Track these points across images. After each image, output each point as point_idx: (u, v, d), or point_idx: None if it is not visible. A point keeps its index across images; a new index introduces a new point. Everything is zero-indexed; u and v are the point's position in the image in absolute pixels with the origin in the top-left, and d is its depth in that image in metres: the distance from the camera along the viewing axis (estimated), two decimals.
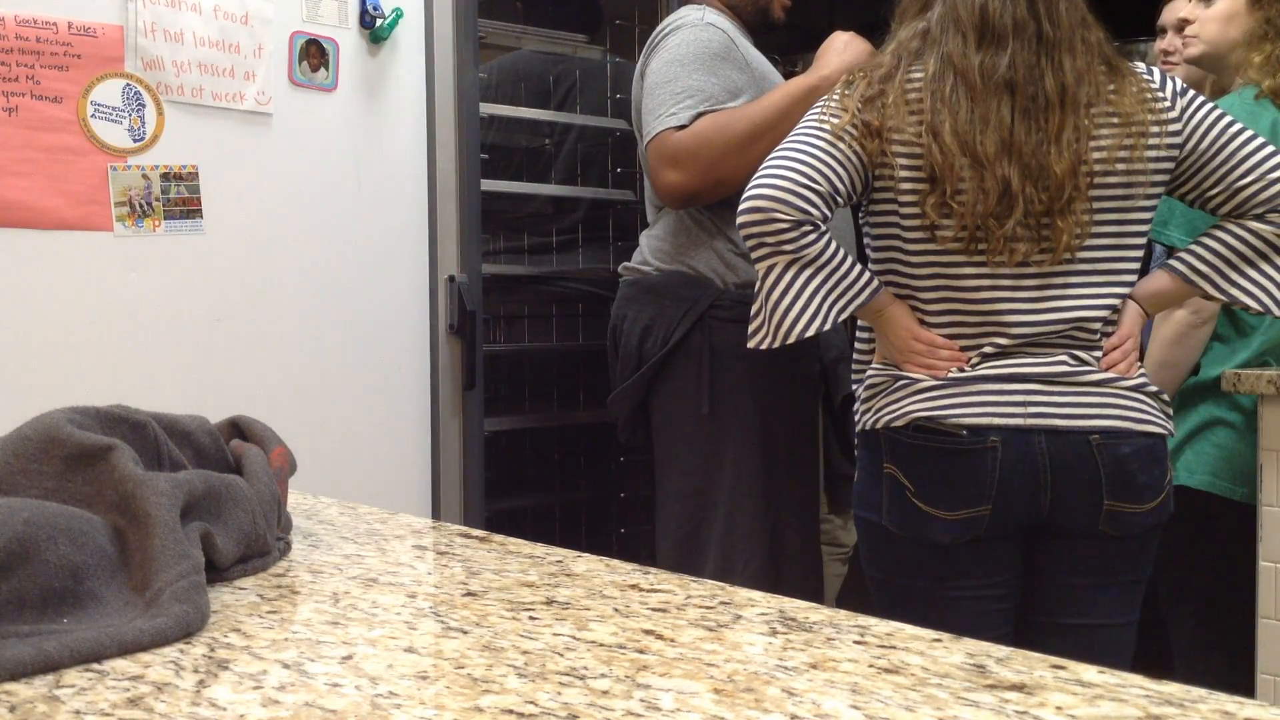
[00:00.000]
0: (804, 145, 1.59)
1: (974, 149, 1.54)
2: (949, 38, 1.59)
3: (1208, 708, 0.58)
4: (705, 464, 2.20)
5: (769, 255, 1.58)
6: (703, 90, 2.09)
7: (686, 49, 2.14)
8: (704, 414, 2.18)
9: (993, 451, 1.57)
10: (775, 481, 2.18)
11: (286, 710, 0.59)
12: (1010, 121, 1.55)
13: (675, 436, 2.25)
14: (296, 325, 2.29)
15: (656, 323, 2.20)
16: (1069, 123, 1.55)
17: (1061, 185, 1.54)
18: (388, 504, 1.19)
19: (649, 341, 2.21)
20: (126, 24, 2.08)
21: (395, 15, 2.36)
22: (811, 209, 1.56)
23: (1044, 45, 1.57)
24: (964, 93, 1.56)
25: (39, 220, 2.02)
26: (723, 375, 2.17)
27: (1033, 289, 1.59)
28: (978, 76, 1.56)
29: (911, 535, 1.63)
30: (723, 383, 2.17)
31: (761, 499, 2.17)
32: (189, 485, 0.82)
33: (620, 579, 0.86)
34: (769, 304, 1.60)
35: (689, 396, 2.20)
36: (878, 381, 1.68)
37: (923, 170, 1.58)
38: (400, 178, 2.42)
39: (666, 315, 2.17)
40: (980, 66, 1.56)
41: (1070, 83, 1.56)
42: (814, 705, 0.59)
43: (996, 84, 1.56)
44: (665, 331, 2.18)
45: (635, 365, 2.25)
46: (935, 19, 1.62)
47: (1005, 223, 1.54)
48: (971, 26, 1.58)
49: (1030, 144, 1.54)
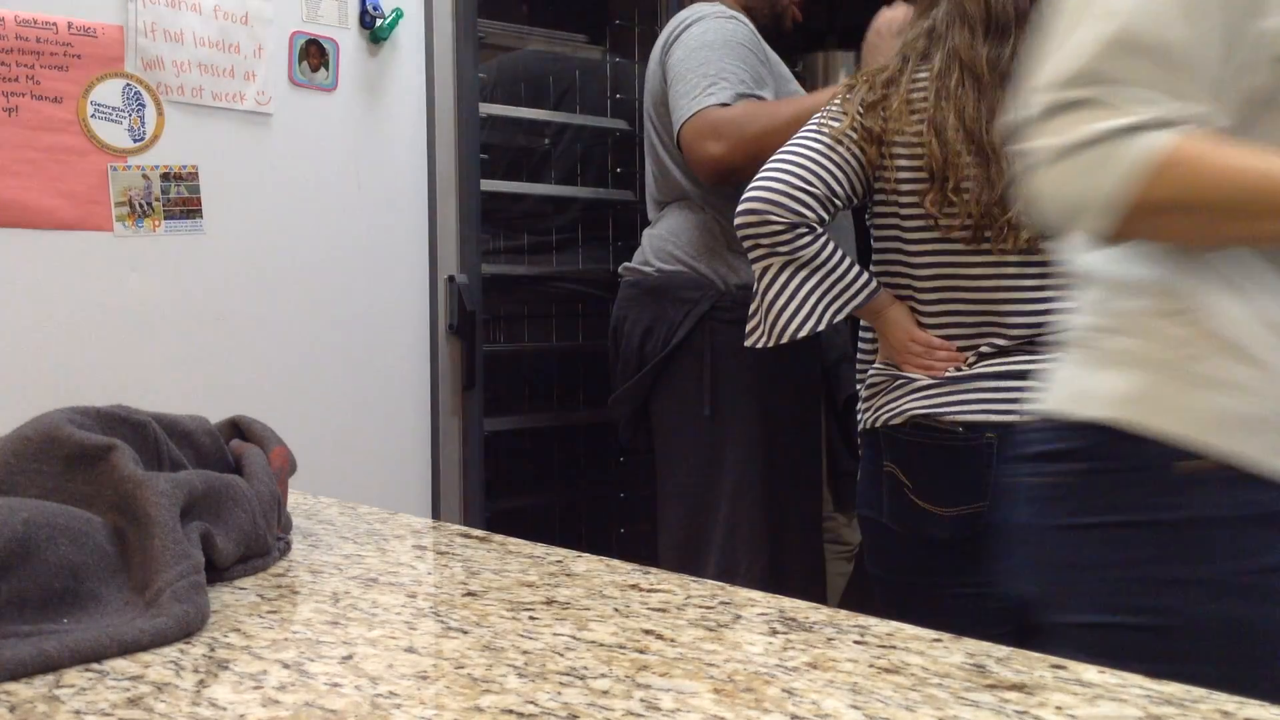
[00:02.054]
0: (802, 149, 1.61)
1: (981, 141, 1.54)
2: (955, 32, 1.59)
3: (1208, 708, 0.58)
4: (706, 466, 2.20)
5: (765, 257, 1.60)
6: (735, 74, 2.08)
7: (714, 35, 2.14)
8: (706, 416, 2.18)
9: (988, 448, 1.58)
10: (777, 483, 2.18)
11: (286, 710, 0.59)
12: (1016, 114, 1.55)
13: (676, 438, 2.24)
14: (296, 325, 2.29)
15: (658, 324, 2.20)
16: None
17: None
18: (388, 504, 1.19)
19: (650, 343, 2.21)
20: (126, 24, 2.08)
21: (395, 15, 2.36)
22: (807, 212, 1.57)
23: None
24: (971, 85, 1.56)
25: (39, 220, 2.01)
26: (724, 377, 2.16)
27: (1032, 286, 1.60)
28: (985, 68, 1.56)
29: (910, 532, 1.64)
30: (724, 384, 2.17)
31: (763, 501, 2.17)
32: (189, 485, 0.82)
33: (620, 579, 0.86)
34: (765, 304, 1.62)
35: (690, 398, 2.20)
36: (878, 381, 1.69)
37: (923, 169, 1.58)
38: (400, 178, 2.42)
39: (668, 316, 2.17)
40: (987, 58, 1.56)
41: None
42: (814, 705, 0.59)
43: (1002, 74, 1.56)
44: (666, 333, 2.17)
45: (636, 366, 2.24)
46: (941, 15, 1.62)
47: (1009, 210, 1.55)
48: (979, 19, 1.58)
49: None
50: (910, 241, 1.63)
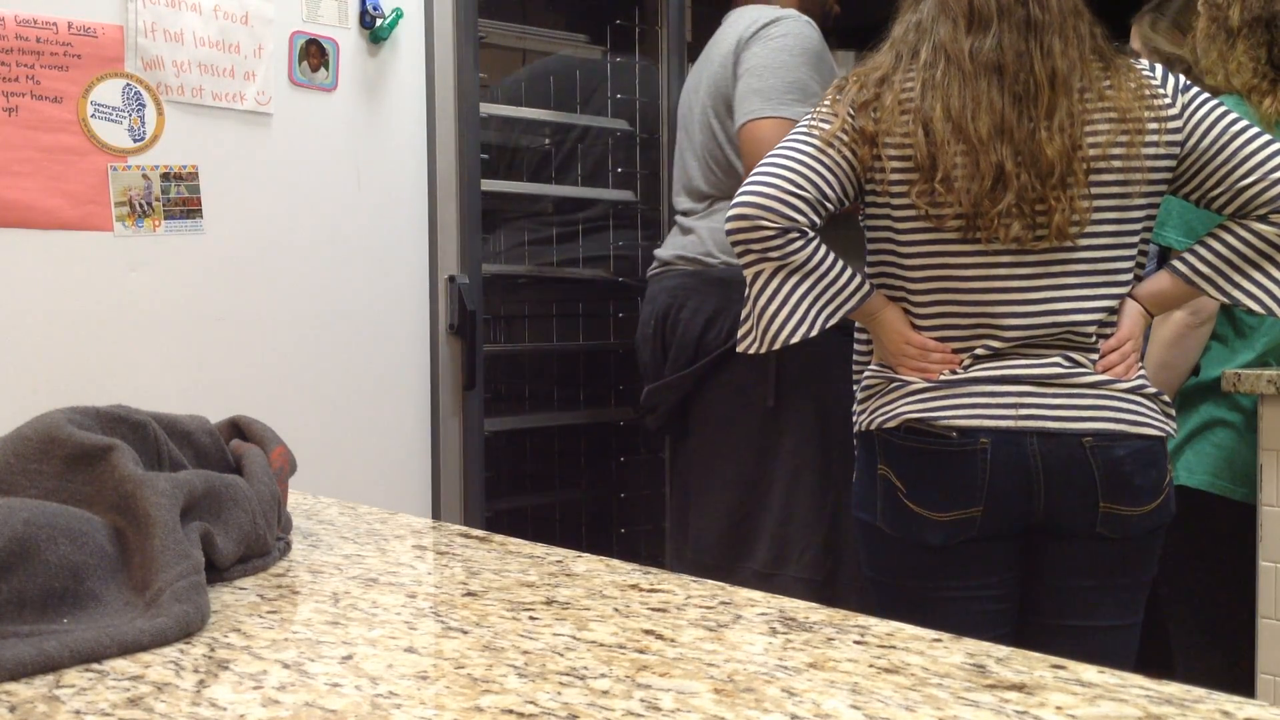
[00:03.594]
0: (791, 153, 1.60)
1: (967, 131, 1.55)
2: (940, 25, 1.61)
3: (1208, 708, 0.58)
4: (761, 455, 2.26)
5: (756, 262, 1.60)
6: (808, 87, 2.15)
7: (796, 41, 2.22)
8: (769, 407, 2.23)
9: (982, 453, 1.57)
10: (832, 471, 2.23)
11: (286, 710, 0.59)
12: (1002, 105, 1.56)
13: (730, 428, 2.29)
14: (296, 325, 2.29)
15: (721, 315, 2.23)
16: (1061, 105, 1.55)
17: (1053, 166, 1.54)
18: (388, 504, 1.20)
19: (711, 333, 2.24)
20: (126, 24, 2.08)
21: (395, 15, 2.36)
22: (798, 216, 1.57)
23: (1032, 30, 1.57)
24: (955, 76, 1.57)
25: (39, 220, 2.01)
26: (785, 368, 2.22)
27: (1027, 288, 1.59)
28: (968, 59, 1.57)
29: (905, 536, 1.63)
30: (785, 375, 2.22)
31: (818, 488, 2.22)
32: (189, 485, 0.82)
33: (620, 579, 0.86)
34: (757, 309, 1.62)
35: (749, 389, 2.25)
36: (873, 383, 1.68)
37: (912, 162, 1.58)
38: (400, 178, 2.42)
39: (734, 309, 2.18)
40: (970, 50, 1.57)
41: (1060, 66, 1.56)
42: (814, 705, 0.59)
43: (984, 65, 1.57)
44: (732, 324, 2.19)
45: (691, 356, 2.27)
46: (926, 9, 1.64)
47: (999, 203, 1.55)
48: (961, 13, 1.60)
49: (1023, 130, 1.55)
50: (903, 242, 1.63)
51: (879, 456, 1.65)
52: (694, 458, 2.37)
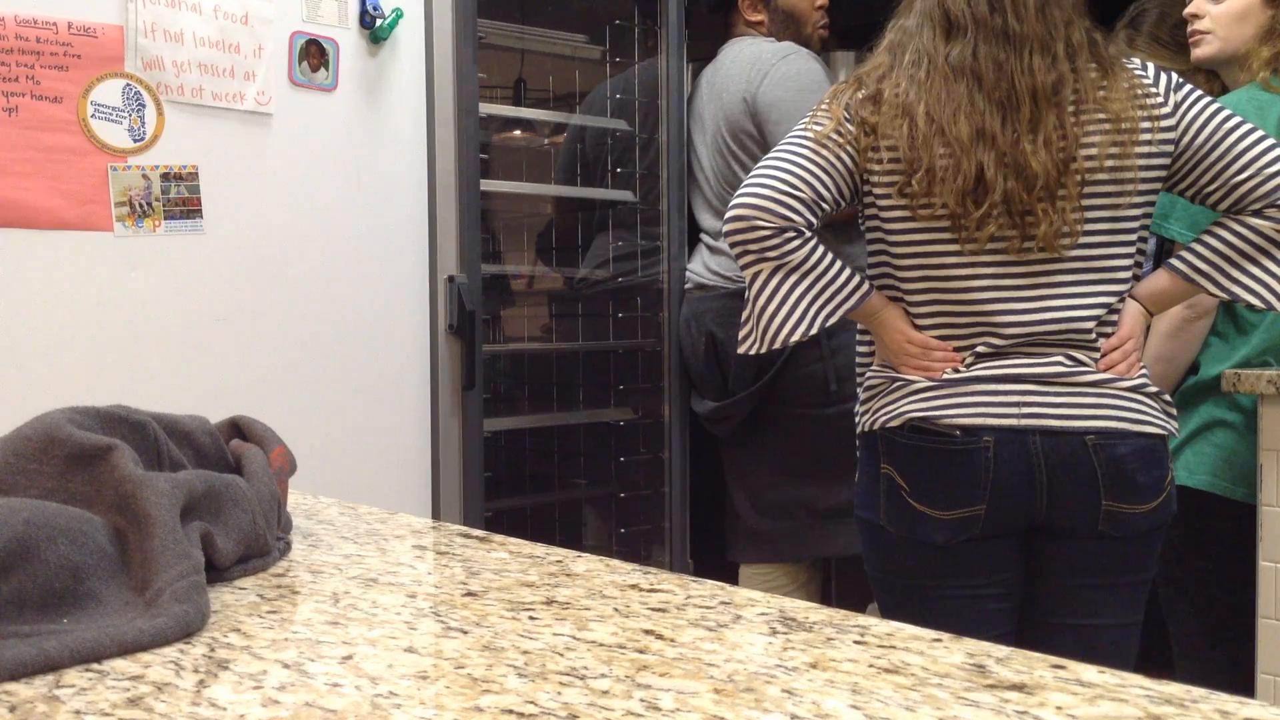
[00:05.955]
0: (787, 154, 1.62)
1: (948, 133, 1.56)
2: (924, 32, 1.64)
3: (1208, 708, 0.58)
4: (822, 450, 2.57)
5: (754, 262, 1.61)
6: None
7: (808, 79, 2.56)
8: (831, 390, 2.58)
9: (986, 452, 1.57)
10: None
11: (286, 710, 0.59)
12: (984, 111, 1.56)
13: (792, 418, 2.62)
14: (296, 325, 2.29)
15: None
16: (1047, 120, 1.56)
17: (1038, 178, 1.55)
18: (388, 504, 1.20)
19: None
20: (126, 24, 2.08)
21: (395, 15, 2.36)
22: (795, 216, 1.58)
23: (1011, 42, 1.58)
24: (939, 79, 1.60)
25: (39, 220, 2.01)
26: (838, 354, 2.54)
27: (1020, 287, 1.59)
28: (944, 63, 1.59)
29: (908, 535, 1.63)
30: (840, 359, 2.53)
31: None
32: (189, 485, 0.82)
33: (620, 579, 0.86)
34: (756, 309, 1.63)
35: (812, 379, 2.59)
36: (876, 383, 1.69)
37: (900, 159, 1.59)
38: (400, 178, 2.42)
39: None
40: (946, 56, 1.59)
41: (1044, 82, 1.56)
42: (814, 705, 0.59)
43: (960, 70, 1.58)
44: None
45: (754, 375, 2.60)
46: (913, 15, 1.67)
47: (981, 205, 1.55)
48: (938, 20, 1.63)
49: (1008, 138, 1.55)
50: (894, 242, 1.64)
51: (882, 456, 1.66)
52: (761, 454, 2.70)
